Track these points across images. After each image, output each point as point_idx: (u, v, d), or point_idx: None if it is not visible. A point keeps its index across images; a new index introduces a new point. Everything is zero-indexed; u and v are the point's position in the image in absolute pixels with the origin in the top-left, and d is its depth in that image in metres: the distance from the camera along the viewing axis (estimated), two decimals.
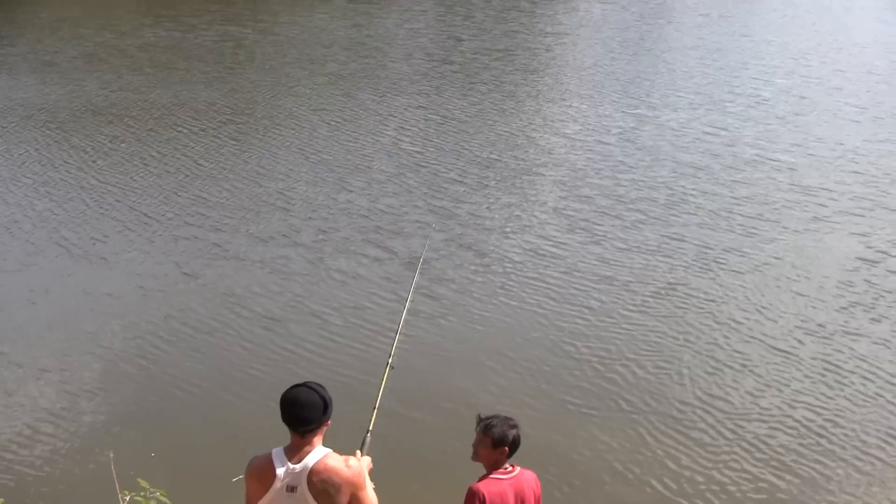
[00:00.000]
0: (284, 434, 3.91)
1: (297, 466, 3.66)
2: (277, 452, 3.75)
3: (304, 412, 3.67)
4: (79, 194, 13.52)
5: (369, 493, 3.80)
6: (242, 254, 11.51)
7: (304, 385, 3.78)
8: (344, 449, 4.12)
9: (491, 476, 4.32)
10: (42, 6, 29.59)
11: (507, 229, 12.35)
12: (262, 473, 3.72)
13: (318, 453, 3.72)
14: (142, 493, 4.70)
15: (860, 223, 12.69)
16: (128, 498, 4.74)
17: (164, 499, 4.72)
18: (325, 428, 3.79)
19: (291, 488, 3.65)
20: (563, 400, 8.44)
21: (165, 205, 13.10)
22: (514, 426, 4.34)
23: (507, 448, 4.30)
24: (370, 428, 4.58)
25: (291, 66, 21.96)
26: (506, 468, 4.35)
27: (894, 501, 7.08)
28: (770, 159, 15.22)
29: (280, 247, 11.71)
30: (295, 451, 3.71)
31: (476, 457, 4.39)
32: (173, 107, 18.00)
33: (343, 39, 24.81)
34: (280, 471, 3.67)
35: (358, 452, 4.14)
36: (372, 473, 4.15)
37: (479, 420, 4.41)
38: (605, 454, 7.67)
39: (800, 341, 9.55)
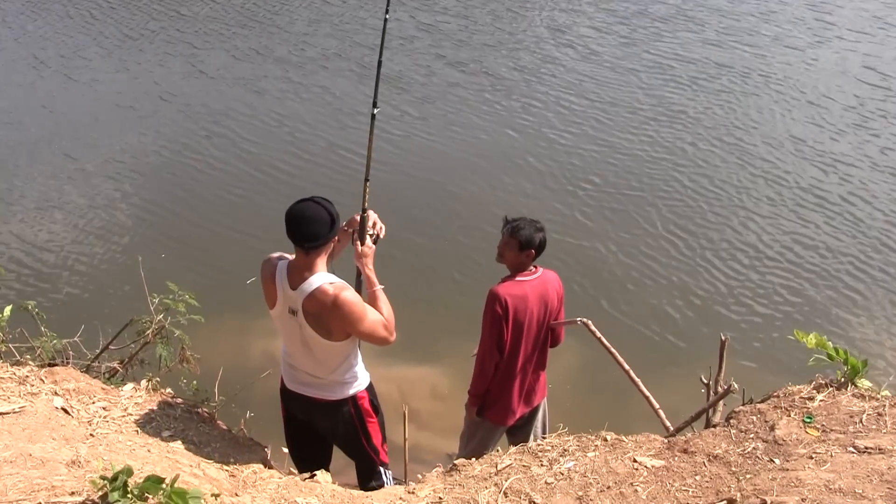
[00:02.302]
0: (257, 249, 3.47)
1: (295, 293, 3.48)
2: (281, 269, 3.54)
3: (310, 227, 3.41)
4: (57, 8, 13.00)
5: (369, 320, 3.51)
6: (220, 72, 11.13)
7: (311, 199, 3.45)
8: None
9: (514, 279, 4.21)
10: None
11: (495, 44, 11.84)
12: (268, 286, 3.57)
13: (316, 280, 3.46)
14: (170, 296, 4.57)
15: (867, 42, 12.11)
16: (156, 300, 4.57)
17: (192, 301, 4.56)
18: (331, 245, 3.50)
19: (293, 311, 3.51)
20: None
21: (145, 21, 12.59)
22: (541, 229, 4.19)
23: (533, 251, 4.16)
24: (367, 177, 3.92)
25: None
26: (530, 270, 4.23)
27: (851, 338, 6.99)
28: None
29: (258, 64, 11.31)
30: (297, 272, 3.48)
31: (501, 259, 4.26)
32: None
33: None
34: (279, 292, 3.52)
35: (358, 244, 3.74)
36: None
37: (506, 222, 4.23)
38: (575, 268, 7.62)
39: (789, 166, 9.28)
